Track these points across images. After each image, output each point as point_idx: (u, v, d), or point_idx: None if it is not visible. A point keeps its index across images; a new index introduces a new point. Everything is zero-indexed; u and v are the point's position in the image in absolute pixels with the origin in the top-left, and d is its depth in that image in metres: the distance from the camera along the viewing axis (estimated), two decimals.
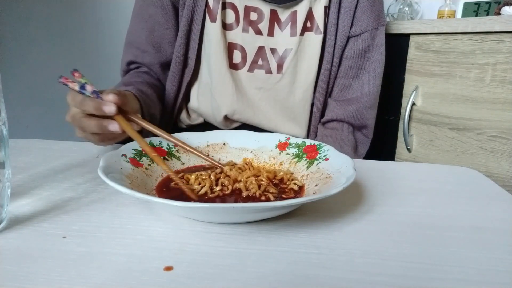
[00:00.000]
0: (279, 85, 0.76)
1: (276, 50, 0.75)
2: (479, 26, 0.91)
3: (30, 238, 0.32)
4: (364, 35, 0.74)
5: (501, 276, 0.30)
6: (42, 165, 0.50)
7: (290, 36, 0.73)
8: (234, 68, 0.75)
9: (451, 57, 0.99)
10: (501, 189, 0.48)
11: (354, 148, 0.77)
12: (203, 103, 0.77)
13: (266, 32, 0.74)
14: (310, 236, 0.34)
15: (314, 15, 0.73)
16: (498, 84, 0.92)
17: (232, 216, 0.35)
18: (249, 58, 0.75)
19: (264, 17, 0.73)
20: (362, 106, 0.77)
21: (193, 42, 0.73)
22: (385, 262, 0.31)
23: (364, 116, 0.77)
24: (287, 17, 0.73)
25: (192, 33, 0.73)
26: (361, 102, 0.77)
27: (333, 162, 0.43)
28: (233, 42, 0.74)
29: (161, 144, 0.49)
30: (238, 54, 0.74)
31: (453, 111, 1.01)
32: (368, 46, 0.75)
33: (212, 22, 0.72)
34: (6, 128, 0.33)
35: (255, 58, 0.75)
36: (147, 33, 0.74)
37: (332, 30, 0.73)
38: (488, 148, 0.95)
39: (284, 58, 0.75)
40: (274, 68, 0.75)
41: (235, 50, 0.74)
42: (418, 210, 0.41)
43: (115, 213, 0.37)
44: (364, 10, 0.73)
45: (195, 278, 0.28)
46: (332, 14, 0.73)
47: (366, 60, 0.76)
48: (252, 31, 0.73)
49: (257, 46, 0.74)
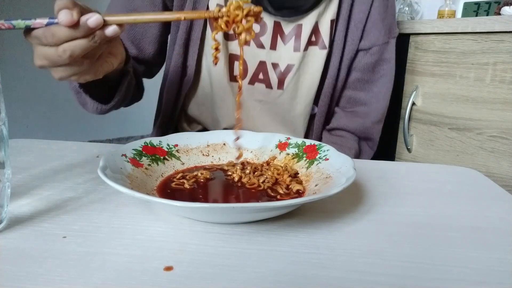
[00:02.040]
0: (279, 99, 0.73)
1: (278, 65, 0.71)
2: (479, 26, 0.91)
3: (30, 238, 0.32)
4: (373, 49, 0.72)
5: (501, 276, 0.30)
6: (42, 165, 0.50)
7: (293, 51, 0.70)
8: (234, 80, 0.73)
9: (451, 57, 0.99)
10: (501, 189, 0.48)
11: (357, 156, 0.76)
12: (204, 112, 0.76)
13: (269, 46, 0.70)
14: (310, 236, 0.34)
15: (320, 29, 0.69)
16: (498, 84, 0.92)
17: (232, 216, 0.35)
18: (250, 71, 0.72)
19: (267, 29, 0.69)
20: (369, 121, 0.75)
21: (192, 51, 0.70)
22: (385, 262, 0.31)
23: (370, 131, 0.76)
24: (291, 30, 0.70)
25: (191, 42, 0.70)
26: (369, 118, 0.75)
27: (333, 162, 0.43)
28: (235, 54, 0.71)
29: (161, 144, 0.49)
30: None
31: (453, 111, 1.01)
32: (377, 60, 0.73)
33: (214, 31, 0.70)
34: (6, 128, 0.33)
35: (255, 72, 0.72)
36: (127, 26, 0.67)
37: (339, 44, 0.70)
38: (488, 148, 0.95)
39: (285, 73, 0.72)
40: (274, 83, 0.72)
41: (236, 61, 0.71)
42: (418, 210, 0.41)
43: (115, 213, 0.37)
44: (374, 24, 0.70)
45: (195, 278, 0.28)
46: (340, 28, 0.69)
47: (375, 74, 0.74)
48: (253, 44, 0.70)
49: (258, 60, 0.71)
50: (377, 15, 0.70)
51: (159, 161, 0.46)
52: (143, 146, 0.46)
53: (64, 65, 0.39)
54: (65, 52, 0.37)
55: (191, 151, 0.51)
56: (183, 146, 0.50)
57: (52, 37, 0.37)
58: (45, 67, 0.39)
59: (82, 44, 0.37)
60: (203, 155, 0.51)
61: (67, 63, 0.39)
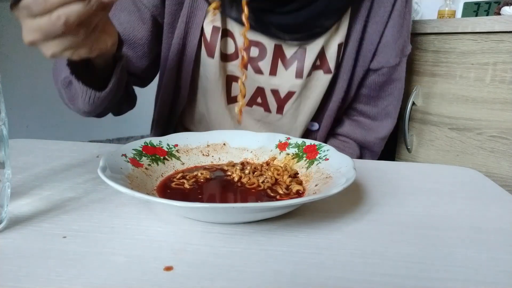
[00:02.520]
0: (278, 122, 0.70)
1: (278, 91, 0.66)
2: (479, 26, 0.91)
3: (30, 238, 0.32)
4: (383, 70, 0.67)
5: (501, 276, 0.30)
6: (42, 165, 0.50)
7: (295, 77, 0.64)
8: (232, 102, 0.68)
9: (451, 57, 0.99)
10: (501, 189, 0.48)
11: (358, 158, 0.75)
12: (200, 129, 0.73)
13: (268, 71, 0.64)
14: (310, 236, 0.34)
15: (326, 54, 0.64)
16: (498, 84, 0.91)
17: (232, 216, 0.35)
18: (247, 95, 0.67)
19: (266, 54, 0.63)
20: (373, 136, 0.73)
21: (185, 72, 0.65)
22: (385, 262, 0.31)
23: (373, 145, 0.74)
24: (293, 54, 0.63)
25: (184, 64, 0.64)
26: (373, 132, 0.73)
27: (333, 162, 0.43)
28: (232, 75, 0.66)
29: (161, 144, 0.49)
30: (237, 87, 0.66)
31: (453, 111, 1.01)
32: (386, 80, 0.69)
33: (210, 57, 0.63)
34: (6, 128, 0.33)
35: (253, 96, 0.67)
36: None
37: (348, 68, 0.65)
38: (488, 148, 0.95)
39: (285, 100, 0.67)
40: (274, 108, 0.68)
41: (234, 83, 0.66)
42: (418, 210, 0.41)
43: (115, 213, 0.37)
44: (386, 44, 0.65)
45: (195, 278, 0.28)
46: (350, 51, 0.64)
47: (382, 92, 0.70)
48: (251, 69, 0.64)
49: (255, 86, 0.66)
50: (390, 36, 0.65)
51: (159, 161, 0.46)
52: (143, 146, 0.46)
53: (57, 37, 0.36)
54: (59, 19, 0.34)
55: (191, 151, 0.51)
56: (183, 146, 0.50)
57: (45, 3, 0.33)
58: (36, 43, 0.36)
59: (77, 8, 0.34)
60: (203, 155, 0.51)
61: (61, 33, 0.35)
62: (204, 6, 0.60)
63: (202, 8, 0.60)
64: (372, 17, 0.63)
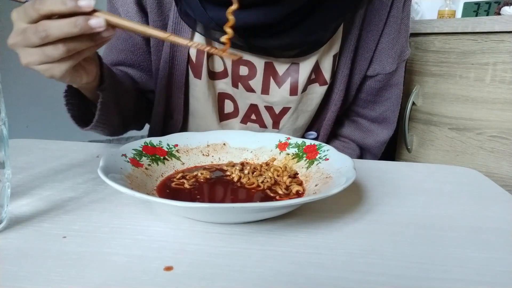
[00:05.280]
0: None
1: (272, 108, 0.63)
2: (479, 26, 0.91)
3: (30, 238, 0.32)
4: (380, 76, 0.66)
5: (501, 276, 0.30)
6: (42, 165, 0.50)
7: (289, 95, 0.61)
8: (226, 119, 0.66)
9: (451, 57, 0.99)
10: (501, 189, 0.48)
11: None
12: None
13: (259, 90, 0.61)
14: (310, 236, 0.34)
15: (321, 67, 0.61)
16: (498, 84, 0.92)
17: (232, 216, 0.35)
18: (241, 111, 0.65)
19: (256, 73, 0.60)
20: (372, 139, 0.72)
21: (176, 96, 0.63)
22: (385, 262, 0.31)
23: (373, 148, 0.74)
24: (286, 71, 0.60)
25: (173, 87, 0.62)
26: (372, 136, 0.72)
27: (333, 162, 0.43)
28: (224, 92, 0.63)
29: (161, 144, 0.49)
30: (230, 104, 0.65)
31: (453, 111, 1.01)
32: (383, 85, 0.67)
33: (197, 78, 0.61)
34: (6, 128, 0.33)
35: (247, 113, 0.65)
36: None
37: (343, 77, 0.63)
38: (488, 148, 0.95)
39: (281, 115, 0.64)
40: (269, 124, 0.66)
41: (227, 100, 0.64)
42: (418, 210, 0.41)
43: (115, 213, 0.37)
44: (383, 51, 0.63)
45: (195, 278, 0.28)
46: (345, 61, 0.62)
47: (380, 97, 0.69)
48: (242, 87, 0.62)
49: (249, 103, 0.64)
50: (386, 43, 0.63)
51: (159, 161, 0.46)
52: (143, 146, 0.46)
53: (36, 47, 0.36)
54: (43, 28, 0.35)
55: (191, 151, 0.51)
56: (183, 146, 0.50)
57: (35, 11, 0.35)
58: (17, 46, 0.37)
59: (62, 25, 0.35)
60: (203, 155, 0.51)
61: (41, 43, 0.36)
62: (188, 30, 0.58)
63: (186, 31, 0.58)
64: (366, 25, 0.61)
